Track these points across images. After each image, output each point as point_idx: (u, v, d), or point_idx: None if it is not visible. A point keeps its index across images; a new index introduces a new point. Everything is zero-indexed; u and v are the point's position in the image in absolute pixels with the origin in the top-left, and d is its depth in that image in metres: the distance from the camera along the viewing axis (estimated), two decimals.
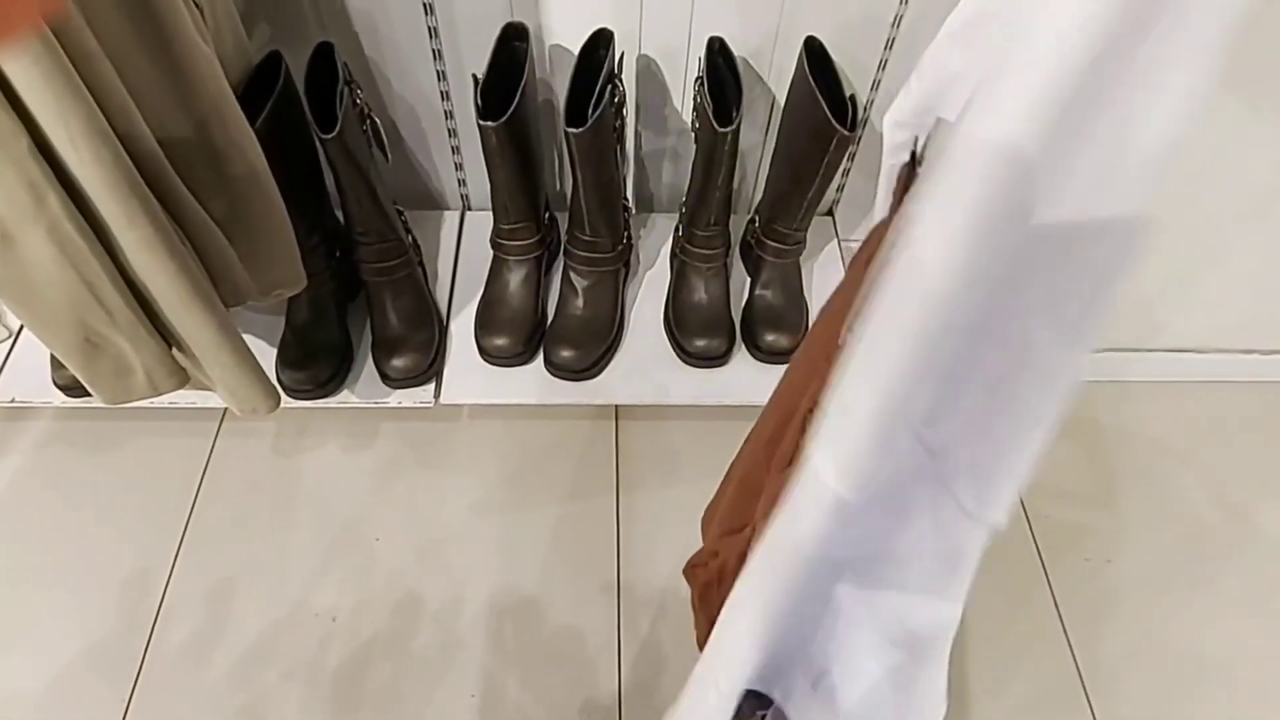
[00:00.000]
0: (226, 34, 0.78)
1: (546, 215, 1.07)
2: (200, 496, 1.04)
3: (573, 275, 1.06)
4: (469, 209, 1.21)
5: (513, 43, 0.91)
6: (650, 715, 0.91)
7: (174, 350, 0.76)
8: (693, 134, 0.99)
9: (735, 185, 1.10)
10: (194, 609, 0.96)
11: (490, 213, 1.04)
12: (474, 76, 0.88)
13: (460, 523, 1.03)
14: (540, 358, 1.05)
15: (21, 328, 1.07)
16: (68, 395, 0.98)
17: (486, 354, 1.04)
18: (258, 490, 1.05)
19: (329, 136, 0.83)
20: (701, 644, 0.72)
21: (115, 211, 0.62)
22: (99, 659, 0.92)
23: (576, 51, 0.92)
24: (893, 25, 0.96)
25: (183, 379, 0.78)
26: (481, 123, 0.86)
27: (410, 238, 1.05)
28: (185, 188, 0.70)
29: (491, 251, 1.07)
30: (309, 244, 0.93)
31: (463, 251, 1.16)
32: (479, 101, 0.87)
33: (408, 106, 1.05)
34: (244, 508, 1.04)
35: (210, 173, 0.73)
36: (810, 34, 0.92)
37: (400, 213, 1.03)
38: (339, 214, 1.00)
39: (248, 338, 1.04)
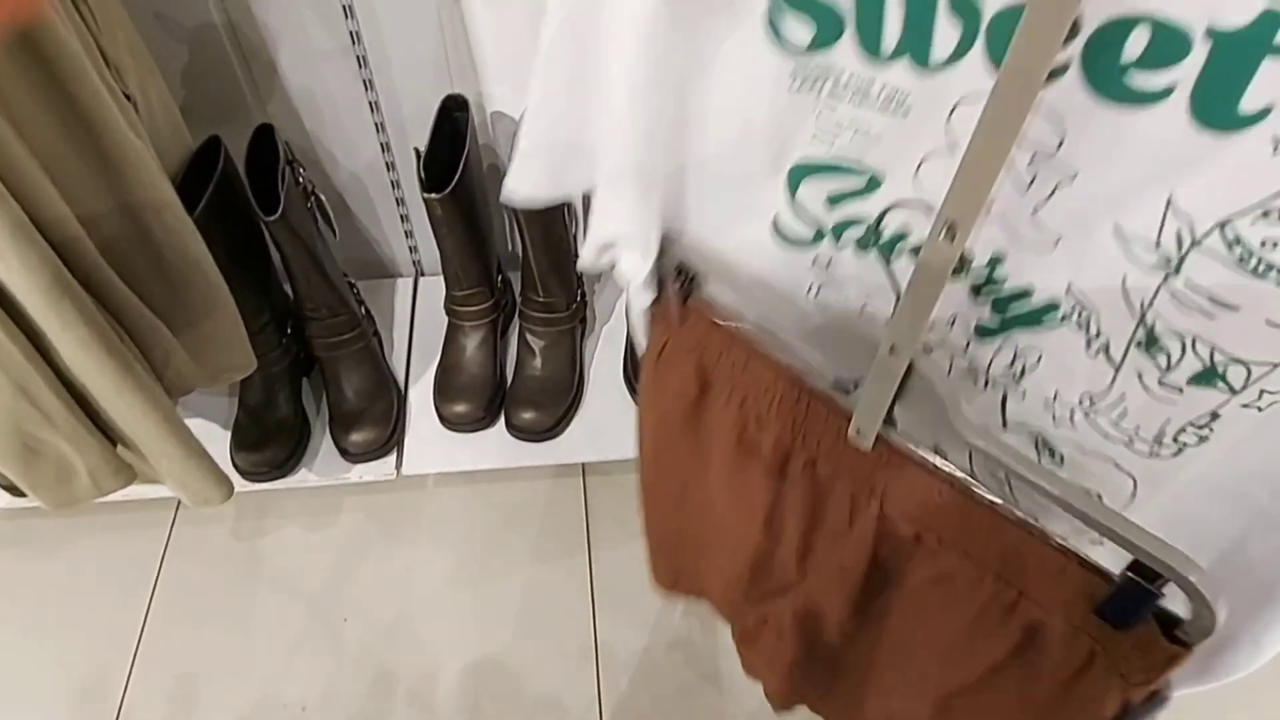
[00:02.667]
0: (162, 123, 0.77)
1: (500, 278, 1.07)
2: (157, 591, 1.01)
3: (529, 337, 1.05)
4: (422, 274, 1.20)
5: (453, 114, 0.92)
6: None
7: (118, 447, 0.74)
8: None
9: None
10: (155, 711, 0.92)
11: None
12: (415, 150, 0.88)
13: (430, 595, 1.01)
14: (502, 421, 1.04)
15: None
16: (11, 495, 0.95)
17: (447, 421, 1.03)
18: (217, 579, 1.02)
19: (272, 218, 0.82)
20: (779, 702, 0.71)
21: (47, 315, 0.60)
22: None
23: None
24: None
25: (129, 476, 0.75)
26: (426, 195, 0.86)
27: (363, 309, 1.04)
28: (122, 282, 0.68)
29: (446, 317, 1.06)
30: (257, 324, 0.92)
31: (418, 318, 1.15)
32: (422, 174, 0.87)
33: (353, 179, 1.04)
34: (204, 599, 1.00)
35: (148, 265, 0.72)
36: None
37: (351, 284, 1.02)
38: (288, 288, 0.98)
39: (199, 421, 1.02)
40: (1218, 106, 0.30)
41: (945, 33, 0.34)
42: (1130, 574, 0.40)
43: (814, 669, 0.66)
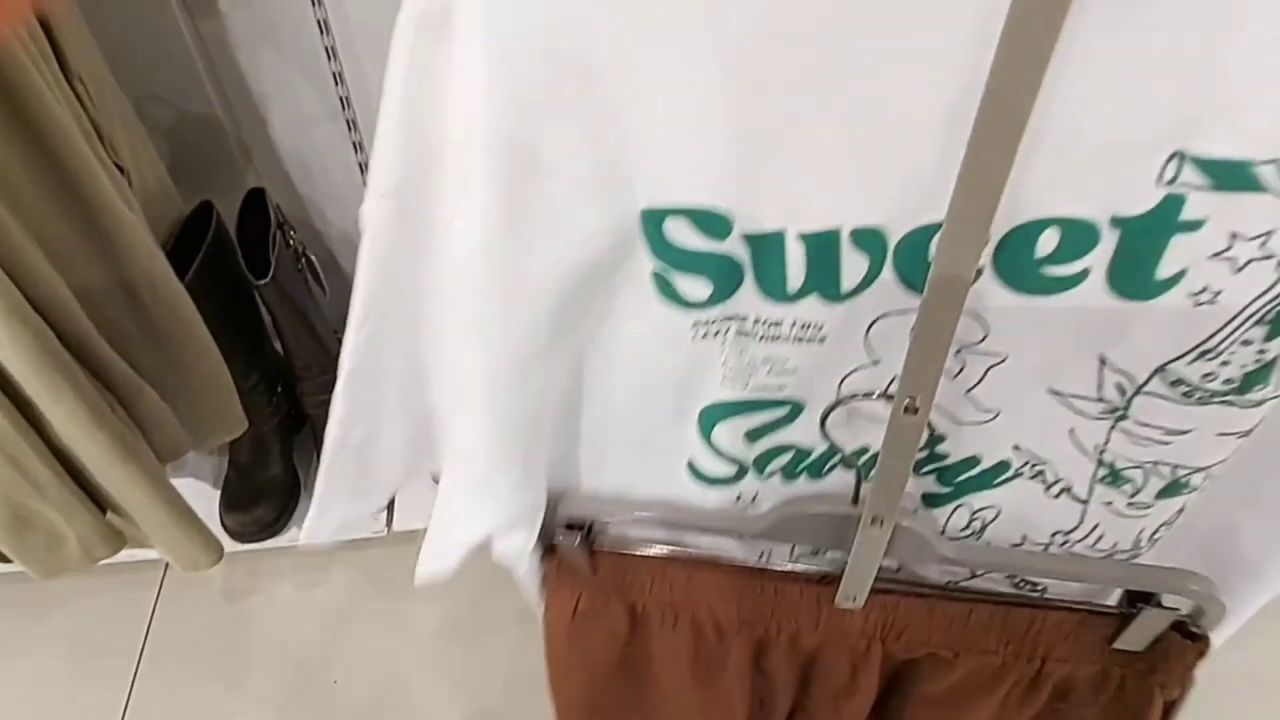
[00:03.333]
0: (154, 192, 0.78)
1: None
2: (146, 653, 0.99)
3: None
4: None
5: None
6: None
7: (108, 514, 0.74)
8: None
9: None
10: None
11: None
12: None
13: (422, 653, 1.00)
14: None
15: None
16: None
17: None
18: (207, 641, 1.01)
19: (263, 283, 0.83)
20: None
21: (39, 388, 0.61)
22: None
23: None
24: None
25: (119, 543, 0.75)
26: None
27: None
28: (114, 351, 0.69)
29: None
30: (248, 384, 0.92)
31: None
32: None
33: (344, 238, 1.06)
34: (193, 661, 0.99)
35: (140, 332, 0.72)
36: None
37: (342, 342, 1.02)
38: (278, 346, 0.99)
39: (188, 480, 1.02)
40: (1134, 280, 0.31)
41: (852, 266, 0.32)
42: (1134, 604, 0.43)
43: None
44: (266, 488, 0.98)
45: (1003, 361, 0.35)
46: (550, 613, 0.51)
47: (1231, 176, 0.27)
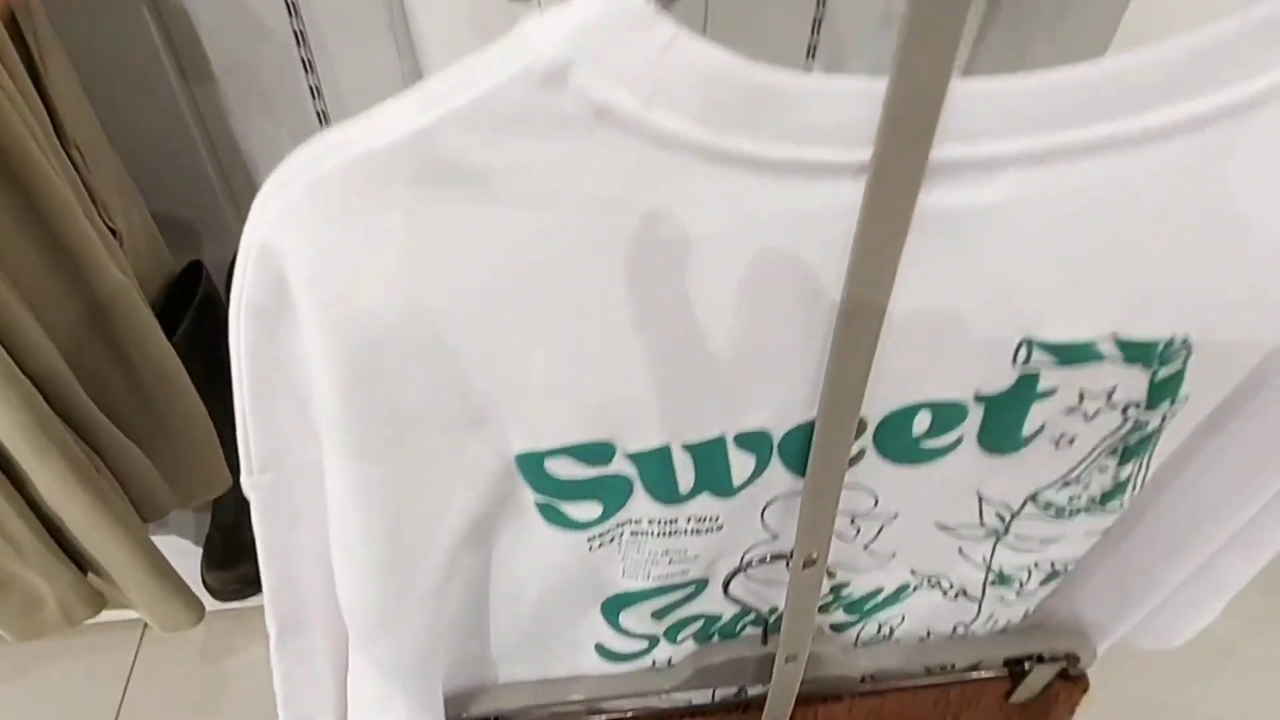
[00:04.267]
0: (144, 252, 0.79)
1: None
2: (122, 715, 0.97)
3: None
4: None
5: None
6: None
7: (89, 574, 0.73)
8: None
9: None
10: None
11: None
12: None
13: None
14: None
15: None
16: None
17: None
18: (185, 703, 0.99)
19: None
20: None
21: (25, 451, 0.61)
22: None
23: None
24: None
25: (99, 605, 0.74)
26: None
27: None
28: (100, 411, 0.69)
29: None
30: (233, 441, 0.92)
31: None
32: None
33: None
34: None
35: (128, 392, 0.72)
36: None
37: None
38: None
39: (170, 537, 1.00)
40: (1002, 440, 0.34)
41: (740, 465, 0.33)
42: (1022, 665, 0.51)
43: None
44: (249, 545, 0.97)
45: (894, 519, 0.38)
46: None
47: (1074, 354, 0.30)
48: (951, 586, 0.44)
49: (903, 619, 0.46)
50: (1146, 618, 0.46)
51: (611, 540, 0.36)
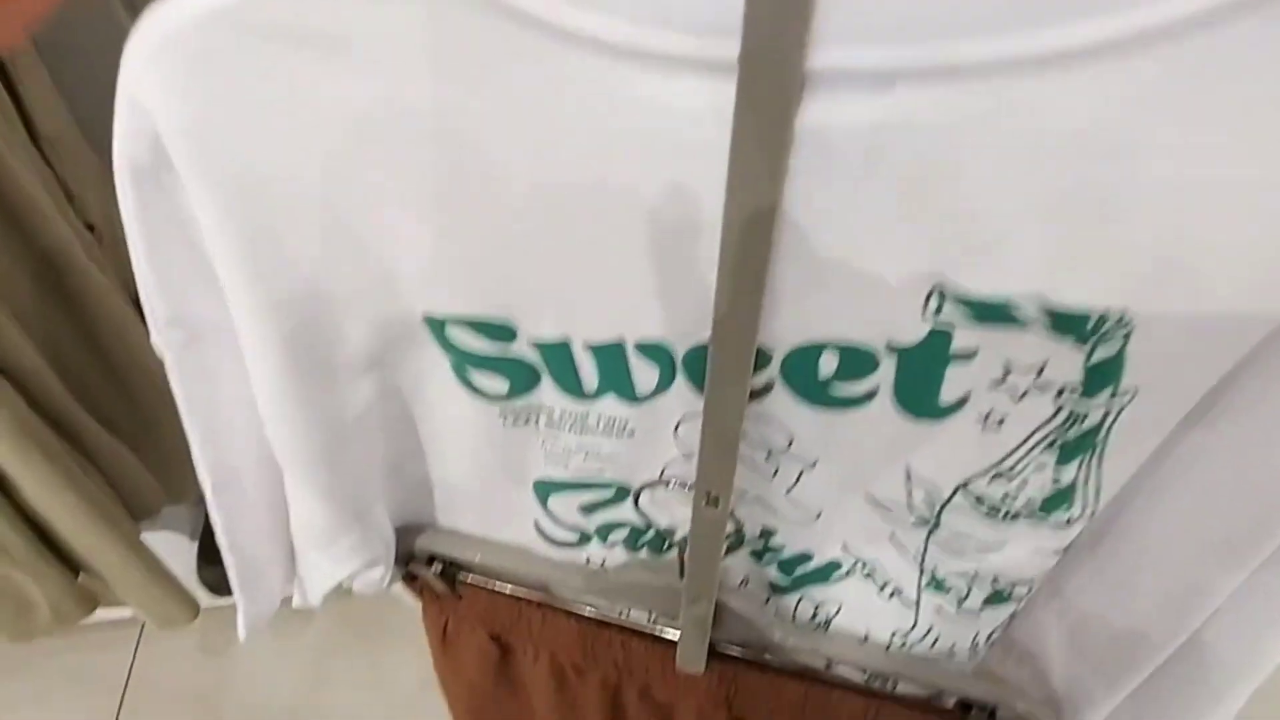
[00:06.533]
0: (125, 248, 0.78)
1: None
2: (123, 713, 0.98)
3: None
4: None
5: None
6: None
7: (80, 575, 0.73)
8: None
9: None
10: None
11: None
12: None
13: (408, 701, 0.99)
14: None
15: None
16: None
17: None
18: (186, 696, 0.99)
19: None
20: None
21: (9, 454, 0.60)
22: None
23: None
24: None
25: (91, 606, 0.74)
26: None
27: None
28: (85, 411, 0.68)
29: None
30: None
31: None
32: None
33: None
34: (172, 717, 0.97)
35: (112, 389, 0.72)
36: None
37: None
38: None
39: (163, 534, 1.00)
40: (919, 402, 0.31)
41: (642, 373, 0.32)
42: (968, 711, 0.44)
43: None
44: None
45: (814, 465, 0.35)
46: (426, 629, 0.53)
47: (991, 313, 0.27)
48: (887, 583, 0.40)
49: (839, 608, 0.43)
50: (1130, 704, 0.39)
51: (527, 421, 0.36)
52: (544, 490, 0.40)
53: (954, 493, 0.34)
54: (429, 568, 0.46)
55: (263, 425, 0.35)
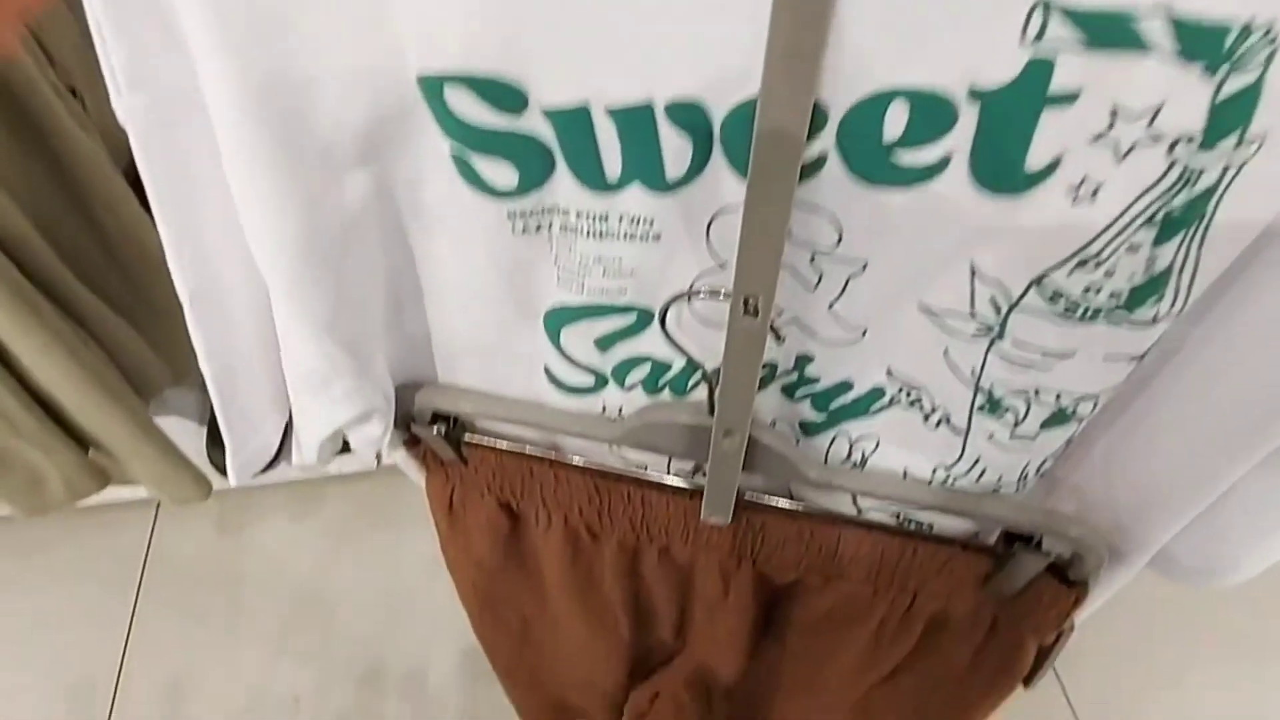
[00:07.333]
0: (111, 113, 0.75)
1: None
2: (143, 590, 1.00)
3: None
4: None
5: None
6: None
7: (90, 451, 0.73)
8: None
9: None
10: (147, 711, 0.92)
11: None
12: None
13: (420, 580, 1.01)
14: None
15: None
16: None
17: None
18: (203, 574, 1.02)
19: None
20: None
21: (4, 323, 0.59)
22: None
23: None
24: None
25: (103, 480, 0.74)
26: None
27: None
28: (81, 283, 0.67)
29: None
30: None
31: None
32: None
33: None
34: (190, 595, 1.00)
35: (107, 262, 0.70)
36: None
37: None
38: None
39: (173, 419, 1.00)
40: (1002, 169, 0.26)
41: (674, 150, 0.28)
42: (1010, 544, 0.41)
43: (721, 718, 0.65)
44: None
45: (864, 270, 0.32)
46: (430, 503, 0.50)
47: (1107, 30, 0.22)
48: (934, 409, 0.37)
49: (877, 444, 0.40)
50: (1194, 530, 0.36)
51: (539, 228, 0.32)
52: (556, 322, 0.37)
53: (1026, 290, 0.30)
54: (431, 428, 0.43)
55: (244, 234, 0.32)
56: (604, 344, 0.38)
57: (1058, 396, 0.34)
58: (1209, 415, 0.33)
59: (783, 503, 0.44)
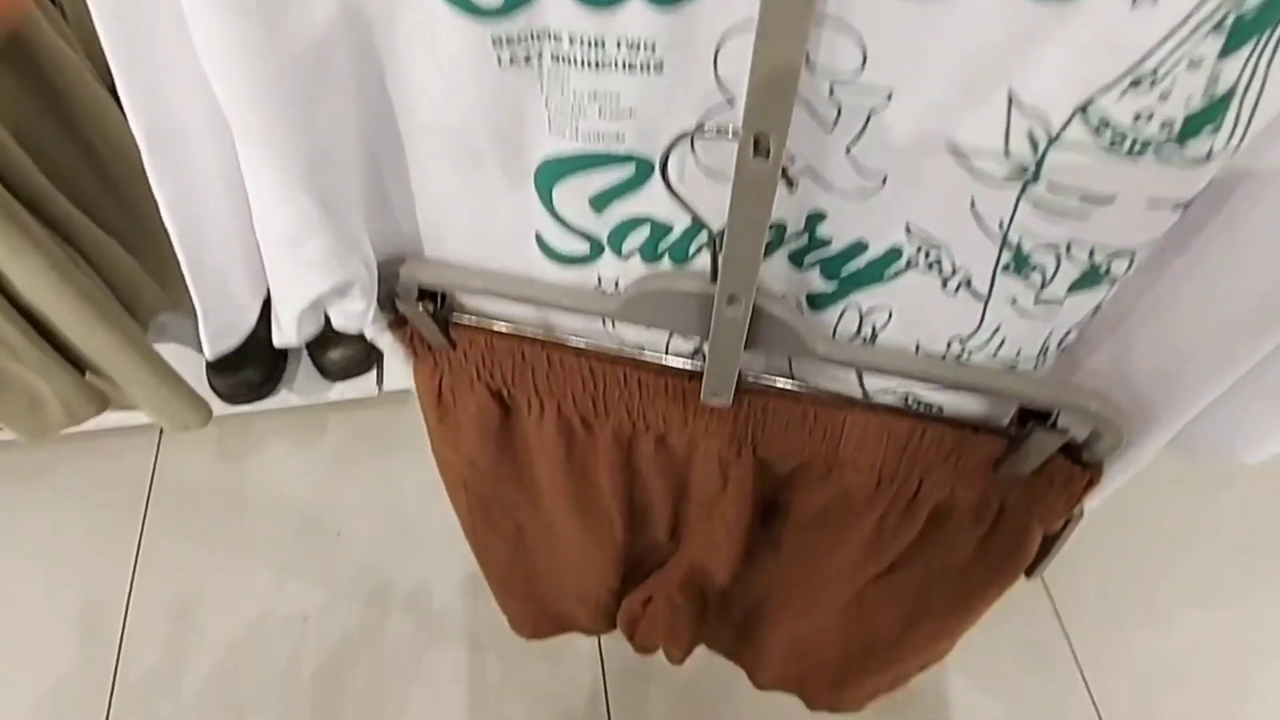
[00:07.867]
0: (93, 25, 0.72)
1: None
2: (149, 514, 1.01)
3: None
4: None
5: None
6: (637, 665, 0.92)
7: (89, 375, 0.72)
8: None
9: None
10: (157, 632, 0.93)
11: None
12: None
13: (421, 504, 1.02)
14: None
15: None
16: None
17: None
18: (208, 500, 1.02)
19: None
20: (680, 658, 0.71)
21: None
22: (65, 698, 0.90)
23: None
24: None
25: (102, 403, 0.74)
26: None
27: None
28: (72, 205, 0.65)
29: None
30: None
31: None
32: None
33: None
34: (196, 520, 1.01)
35: (96, 182, 0.68)
36: None
37: None
38: None
39: (172, 346, 1.00)
40: None
41: None
42: (1025, 424, 0.39)
43: (715, 620, 0.64)
44: (253, 349, 0.95)
45: (888, 101, 0.29)
46: (419, 396, 0.48)
47: None
48: (955, 271, 0.34)
49: (889, 315, 0.38)
50: (1214, 410, 0.35)
51: (527, 59, 0.30)
52: (548, 178, 0.34)
53: (1069, 120, 0.27)
54: (417, 305, 0.41)
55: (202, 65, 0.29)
56: (600, 202, 0.35)
57: (1091, 252, 0.31)
58: (1234, 296, 0.32)
59: (786, 383, 0.42)
